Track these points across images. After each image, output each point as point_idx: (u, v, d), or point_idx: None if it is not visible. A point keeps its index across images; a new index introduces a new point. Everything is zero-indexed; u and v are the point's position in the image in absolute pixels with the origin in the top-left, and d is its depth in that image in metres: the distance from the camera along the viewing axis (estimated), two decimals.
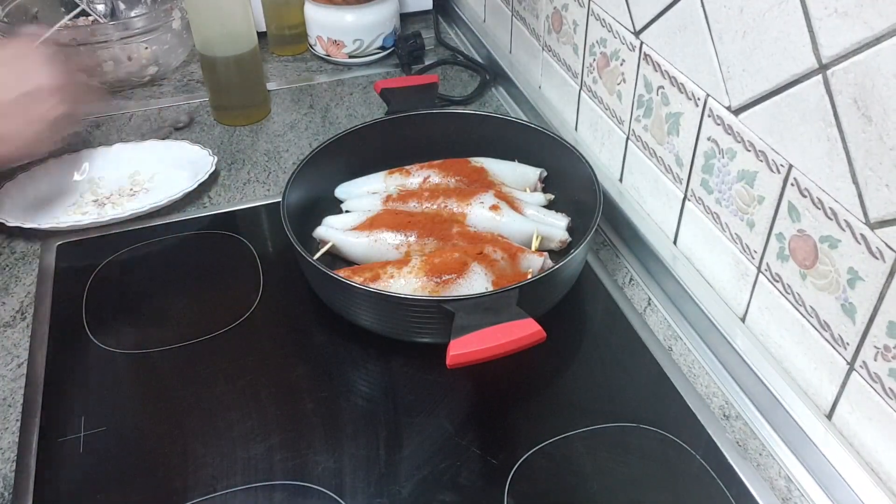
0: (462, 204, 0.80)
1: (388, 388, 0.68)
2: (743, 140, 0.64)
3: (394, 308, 0.67)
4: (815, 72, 0.54)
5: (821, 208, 0.57)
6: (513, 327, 0.61)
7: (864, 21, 0.49)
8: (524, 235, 0.78)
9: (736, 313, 0.70)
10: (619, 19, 0.79)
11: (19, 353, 0.71)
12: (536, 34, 1.02)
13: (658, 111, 0.75)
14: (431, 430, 0.64)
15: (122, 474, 0.61)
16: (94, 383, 0.69)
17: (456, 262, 0.71)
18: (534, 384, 0.69)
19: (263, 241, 0.85)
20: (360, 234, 0.77)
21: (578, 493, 0.60)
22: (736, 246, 0.68)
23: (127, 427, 0.65)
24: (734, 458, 0.62)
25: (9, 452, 0.63)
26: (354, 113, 1.08)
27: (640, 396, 0.68)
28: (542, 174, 0.87)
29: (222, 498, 0.59)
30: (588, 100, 0.90)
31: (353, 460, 0.62)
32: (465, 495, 0.59)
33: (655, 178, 0.78)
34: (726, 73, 0.64)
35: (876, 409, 0.56)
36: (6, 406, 0.67)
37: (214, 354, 0.71)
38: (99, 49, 1.05)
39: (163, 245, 0.84)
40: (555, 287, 0.73)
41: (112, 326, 0.74)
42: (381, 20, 1.16)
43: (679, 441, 0.63)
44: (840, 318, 0.57)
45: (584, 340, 0.74)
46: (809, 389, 0.62)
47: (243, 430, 0.64)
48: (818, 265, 0.58)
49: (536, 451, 0.62)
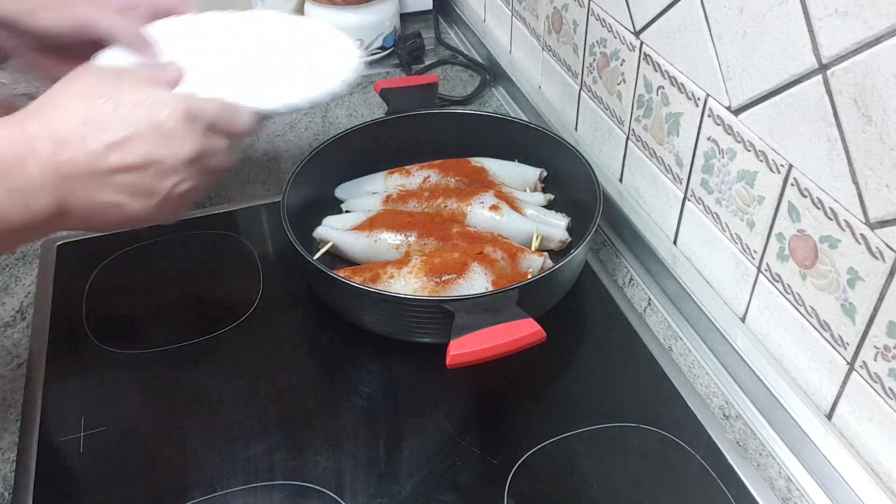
0: (462, 204, 0.80)
1: (388, 388, 0.68)
2: (743, 140, 0.64)
3: (394, 308, 0.67)
4: (815, 72, 0.54)
5: (821, 208, 0.57)
6: (513, 327, 0.61)
7: (864, 21, 0.49)
8: (524, 235, 0.78)
9: (736, 313, 0.70)
10: (619, 19, 0.79)
11: (19, 353, 0.71)
12: (536, 34, 1.02)
13: (658, 111, 0.75)
14: (431, 430, 0.64)
15: (122, 474, 0.61)
16: (94, 383, 0.69)
17: (456, 262, 0.71)
18: (534, 384, 0.69)
19: (263, 241, 0.85)
20: (360, 234, 0.77)
21: (578, 493, 0.60)
22: (736, 246, 0.68)
23: (127, 427, 0.65)
24: (734, 458, 0.62)
25: (9, 452, 0.63)
26: (354, 113, 1.08)
27: (640, 396, 0.68)
28: (542, 174, 0.87)
29: (222, 498, 0.59)
30: (588, 100, 0.90)
31: (353, 460, 0.62)
32: (465, 495, 0.59)
33: (655, 178, 0.78)
34: (726, 73, 0.64)
35: (876, 409, 0.56)
36: (6, 406, 0.67)
37: (214, 354, 0.71)
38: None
39: (163, 245, 0.84)
40: (555, 287, 0.73)
41: (112, 326, 0.74)
42: (381, 20, 1.16)
43: (679, 441, 0.63)
44: (840, 318, 0.57)
45: (584, 340, 0.74)
46: (809, 389, 0.62)
47: (243, 430, 0.64)
48: (818, 265, 0.58)
49: (536, 451, 0.62)
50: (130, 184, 0.53)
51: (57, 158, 0.49)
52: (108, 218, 0.53)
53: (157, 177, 0.53)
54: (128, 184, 0.52)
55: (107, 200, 0.52)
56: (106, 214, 0.53)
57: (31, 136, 0.49)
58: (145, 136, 0.52)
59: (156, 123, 0.53)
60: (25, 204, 0.48)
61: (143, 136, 0.52)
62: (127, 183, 0.52)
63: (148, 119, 0.53)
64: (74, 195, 0.50)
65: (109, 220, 0.54)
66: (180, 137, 0.54)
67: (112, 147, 0.51)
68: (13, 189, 0.47)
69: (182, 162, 0.54)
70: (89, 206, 0.52)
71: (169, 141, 0.53)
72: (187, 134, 0.54)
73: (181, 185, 0.55)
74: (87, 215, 0.52)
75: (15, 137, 0.49)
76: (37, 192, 0.48)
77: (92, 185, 0.51)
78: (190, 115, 0.55)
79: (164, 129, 0.53)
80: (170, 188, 0.54)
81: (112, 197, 0.52)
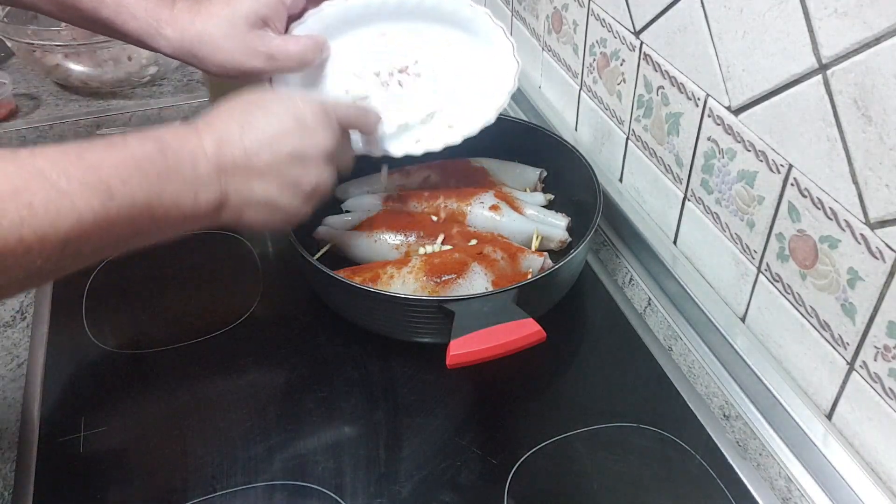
0: (462, 204, 0.80)
1: (388, 388, 0.68)
2: (743, 140, 0.64)
3: (394, 308, 0.67)
4: (815, 72, 0.54)
5: (821, 208, 0.57)
6: (513, 327, 0.61)
7: (864, 21, 0.49)
8: (524, 235, 0.78)
9: (736, 313, 0.70)
10: (619, 19, 0.79)
11: (19, 353, 0.71)
12: (536, 34, 1.02)
13: (658, 111, 0.75)
14: (431, 430, 0.64)
15: (122, 474, 0.61)
16: (94, 383, 0.69)
17: (456, 262, 0.71)
18: (534, 384, 0.69)
19: (263, 241, 0.85)
20: (360, 234, 0.77)
21: (578, 493, 0.60)
22: (736, 246, 0.68)
23: (127, 427, 0.65)
24: (734, 458, 0.62)
25: (9, 452, 0.63)
26: None
27: (640, 396, 0.68)
28: (542, 174, 0.87)
29: (222, 498, 0.59)
30: (588, 100, 0.90)
31: (353, 460, 0.62)
32: (465, 495, 0.59)
33: (655, 178, 0.78)
34: (726, 73, 0.64)
35: (876, 409, 0.56)
36: (6, 406, 0.67)
37: (214, 354, 0.71)
38: (99, 49, 1.05)
39: (163, 245, 0.83)
40: (555, 287, 0.73)
41: (112, 326, 0.74)
42: None
43: (679, 441, 0.63)
44: (840, 318, 0.57)
45: (584, 340, 0.74)
46: (809, 389, 0.62)
47: (243, 430, 0.64)
48: (818, 265, 0.58)
49: (536, 451, 0.62)
50: (279, 175, 0.59)
51: (219, 155, 0.56)
52: (259, 212, 0.60)
53: (303, 168, 0.60)
54: (276, 176, 0.59)
55: (260, 194, 0.59)
56: (258, 208, 0.59)
57: (202, 137, 0.57)
58: (291, 132, 0.60)
59: (299, 119, 0.60)
60: (195, 195, 0.55)
61: (289, 133, 0.59)
62: (276, 175, 0.59)
63: (292, 117, 0.60)
64: (233, 188, 0.57)
65: (260, 215, 0.60)
66: (320, 131, 0.61)
67: (263, 144, 0.58)
68: (188, 181, 0.54)
69: (322, 154, 0.61)
70: (244, 199, 0.58)
71: (310, 134, 0.60)
72: (325, 128, 0.61)
73: (320, 177, 0.61)
74: (242, 207, 0.59)
75: (190, 139, 0.56)
76: (205, 185, 0.55)
77: (247, 178, 0.58)
78: (326, 112, 0.62)
79: (305, 124, 0.60)
80: (312, 182, 0.61)
81: (264, 190, 0.59)
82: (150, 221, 0.53)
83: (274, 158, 0.59)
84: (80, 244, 0.48)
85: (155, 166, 0.53)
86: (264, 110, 0.60)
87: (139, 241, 0.54)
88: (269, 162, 0.58)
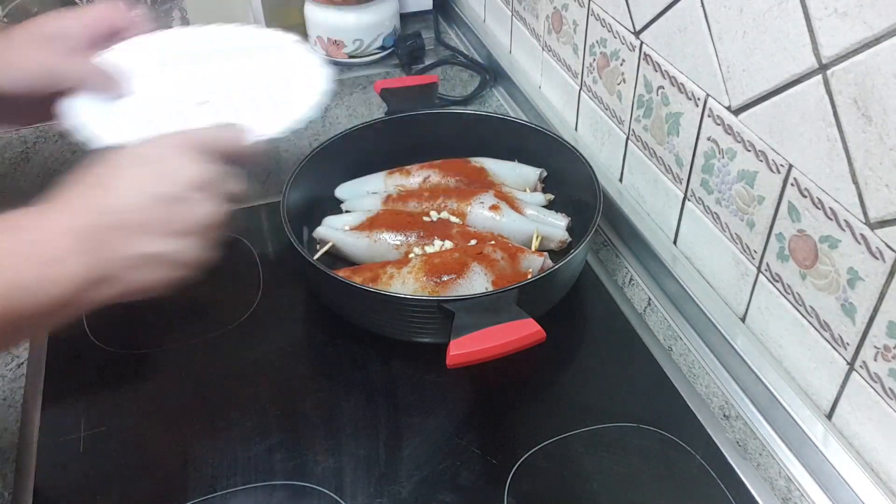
0: (462, 204, 0.80)
1: (388, 388, 0.68)
2: (743, 140, 0.64)
3: (394, 308, 0.67)
4: (815, 72, 0.54)
5: (821, 208, 0.57)
6: (513, 327, 0.61)
7: (863, 21, 0.49)
8: (524, 235, 0.78)
9: (736, 313, 0.70)
10: (619, 19, 0.79)
11: (19, 353, 0.71)
12: (536, 34, 1.02)
13: (658, 111, 0.75)
14: (431, 430, 0.64)
15: (122, 474, 0.61)
16: (94, 383, 0.69)
17: (456, 262, 0.71)
18: (534, 384, 0.69)
19: (263, 241, 0.85)
20: (360, 234, 0.77)
21: (578, 493, 0.60)
22: (736, 246, 0.68)
23: (127, 427, 0.65)
24: (734, 458, 0.62)
25: (9, 452, 0.63)
26: (354, 113, 1.08)
27: (640, 396, 0.68)
28: (542, 174, 0.87)
29: (222, 498, 0.59)
30: (588, 100, 0.90)
31: (353, 460, 0.62)
32: (465, 495, 0.59)
33: (655, 178, 0.78)
34: (726, 73, 0.64)
35: (876, 409, 0.56)
36: (6, 406, 0.67)
37: (214, 354, 0.71)
38: None
39: None
40: (555, 287, 0.73)
41: (112, 326, 0.74)
42: (380, 20, 1.16)
43: (679, 441, 0.63)
44: (840, 318, 0.57)
45: (584, 340, 0.74)
46: (809, 389, 0.62)
47: (243, 430, 0.64)
48: (818, 265, 0.58)
49: (536, 451, 0.62)
50: (154, 223, 0.54)
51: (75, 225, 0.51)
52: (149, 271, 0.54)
53: (177, 206, 0.54)
54: (151, 225, 0.54)
55: (140, 250, 0.53)
56: (145, 267, 0.54)
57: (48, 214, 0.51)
58: (149, 175, 0.55)
59: (151, 160, 0.55)
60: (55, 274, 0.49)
61: (146, 176, 0.55)
62: (150, 224, 0.54)
63: (141, 161, 0.55)
64: (103, 255, 0.51)
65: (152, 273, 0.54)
66: (180, 163, 0.56)
67: (128, 197, 0.53)
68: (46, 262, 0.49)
69: (191, 185, 0.55)
70: (124, 262, 0.53)
71: (170, 170, 0.55)
72: (184, 159, 0.56)
73: (202, 210, 0.56)
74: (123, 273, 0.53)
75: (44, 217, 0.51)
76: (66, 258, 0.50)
77: (121, 239, 0.52)
78: (181, 143, 0.57)
79: (162, 162, 0.55)
80: (194, 218, 0.55)
81: (145, 245, 0.53)
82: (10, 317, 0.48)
83: (140, 207, 0.53)
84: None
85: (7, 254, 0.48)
86: (108, 166, 0.55)
87: None
88: (136, 213, 0.53)
